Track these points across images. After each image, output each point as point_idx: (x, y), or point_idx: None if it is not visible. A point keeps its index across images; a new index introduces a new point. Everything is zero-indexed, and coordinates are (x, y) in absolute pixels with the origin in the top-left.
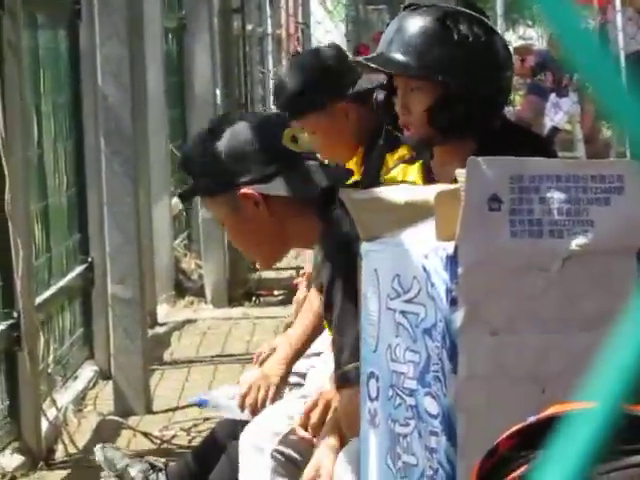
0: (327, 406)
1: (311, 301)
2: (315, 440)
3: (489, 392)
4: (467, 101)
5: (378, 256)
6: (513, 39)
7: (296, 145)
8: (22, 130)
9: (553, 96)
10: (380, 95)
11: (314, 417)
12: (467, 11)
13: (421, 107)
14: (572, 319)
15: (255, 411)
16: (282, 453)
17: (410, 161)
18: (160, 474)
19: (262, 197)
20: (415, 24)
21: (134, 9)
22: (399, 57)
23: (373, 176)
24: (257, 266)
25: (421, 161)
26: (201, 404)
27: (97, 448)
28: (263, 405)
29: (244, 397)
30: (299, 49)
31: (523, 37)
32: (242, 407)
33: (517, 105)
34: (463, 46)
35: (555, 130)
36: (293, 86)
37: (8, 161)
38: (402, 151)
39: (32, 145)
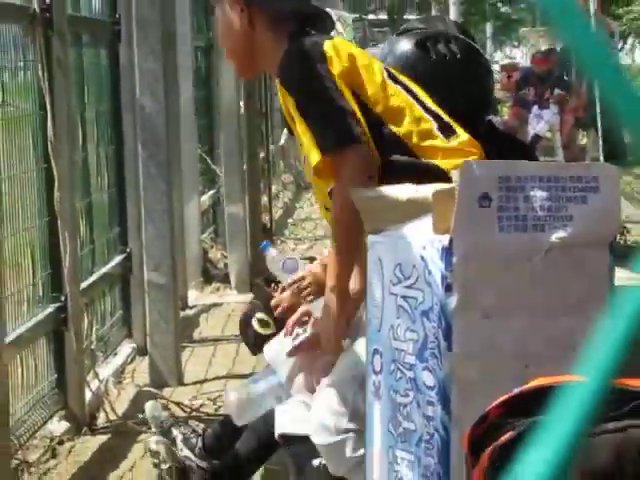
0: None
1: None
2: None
3: (480, 367)
4: (447, 111)
5: (382, 247)
6: (500, 58)
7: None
8: (69, 136)
9: (535, 108)
10: None
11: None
12: (449, 32)
13: None
14: (554, 303)
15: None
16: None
17: None
18: (198, 439)
19: (247, 6)
20: (400, 47)
21: (168, 30)
22: None
23: None
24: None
25: None
26: (264, 249)
27: (148, 404)
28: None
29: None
30: None
31: (509, 56)
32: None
33: (504, 115)
34: (440, 63)
35: (537, 137)
36: None
37: (57, 163)
38: None
39: (77, 149)
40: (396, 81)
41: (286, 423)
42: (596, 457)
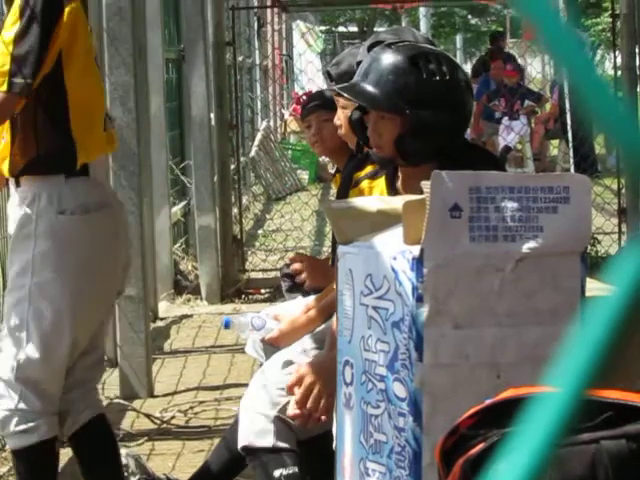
0: (312, 385)
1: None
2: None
3: (451, 378)
4: (433, 131)
5: (353, 258)
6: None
7: None
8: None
9: (506, 119)
10: (355, 114)
11: (299, 395)
12: (437, 50)
13: (391, 135)
14: (524, 313)
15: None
16: (282, 419)
17: (373, 176)
18: None
19: None
20: (389, 60)
21: (139, 42)
22: (371, 89)
23: (345, 190)
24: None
25: (384, 176)
26: (227, 325)
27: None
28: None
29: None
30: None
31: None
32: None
33: (470, 126)
34: (430, 83)
35: (508, 149)
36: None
37: None
38: (367, 169)
39: None
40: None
41: (248, 435)
42: (571, 468)
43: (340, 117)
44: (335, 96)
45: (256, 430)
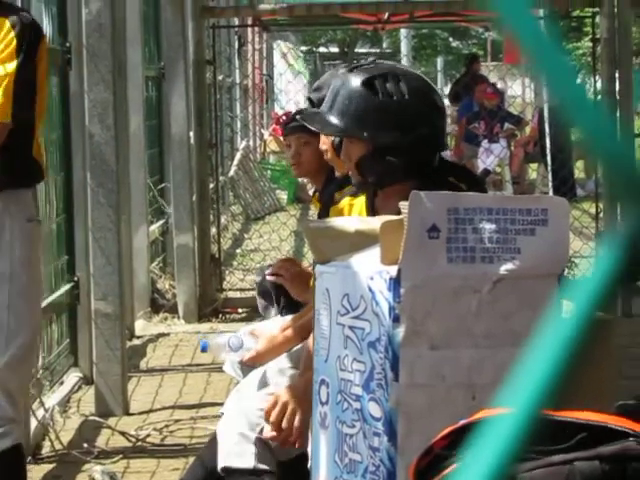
0: (285, 406)
1: None
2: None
3: (427, 398)
4: (394, 152)
5: (330, 277)
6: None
7: None
8: None
9: (485, 142)
10: (336, 139)
11: (274, 417)
12: (400, 68)
13: (354, 159)
14: (502, 335)
15: (278, 431)
16: (262, 441)
17: (354, 194)
18: None
19: None
20: (347, 85)
21: (119, 59)
22: (331, 117)
23: (325, 210)
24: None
25: (365, 195)
26: (204, 349)
27: (97, 469)
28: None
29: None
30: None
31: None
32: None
33: (451, 149)
34: (386, 104)
35: (487, 172)
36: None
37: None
38: (349, 188)
39: None
40: None
41: (229, 456)
42: None
43: (325, 142)
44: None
45: (236, 451)
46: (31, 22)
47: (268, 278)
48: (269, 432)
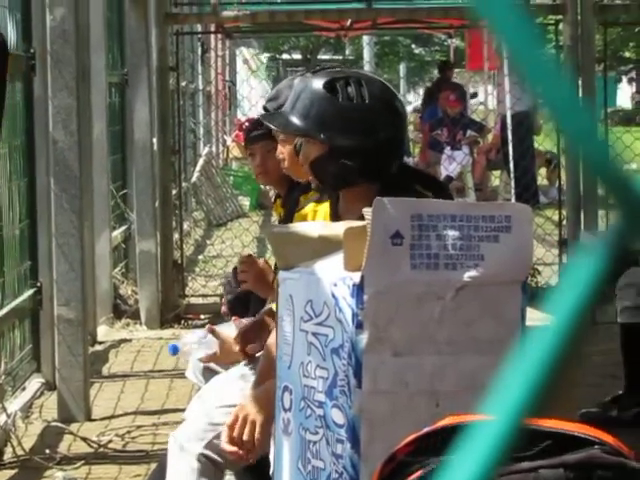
0: (245, 419)
1: None
2: (240, 452)
3: (390, 405)
4: (349, 155)
5: (293, 283)
6: (413, 99)
7: None
8: None
9: (448, 149)
10: (299, 141)
11: (236, 431)
12: (363, 74)
13: (308, 160)
14: (464, 342)
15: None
16: (207, 456)
17: (318, 200)
18: None
19: None
20: (309, 87)
21: (82, 65)
22: (293, 117)
23: (290, 215)
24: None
25: (329, 200)
26: (175, 351)
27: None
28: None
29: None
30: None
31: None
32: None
33: (416, 156)
34: (346, 106)
35: (449, 179)
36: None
37: None
38: (313, 193)
39: None
40: None
41: (174, 474)
42: None
43: (282, 151)
44: (274, 131)
45: (182, 470)
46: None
47: (241, 287)
48: (228, 446)
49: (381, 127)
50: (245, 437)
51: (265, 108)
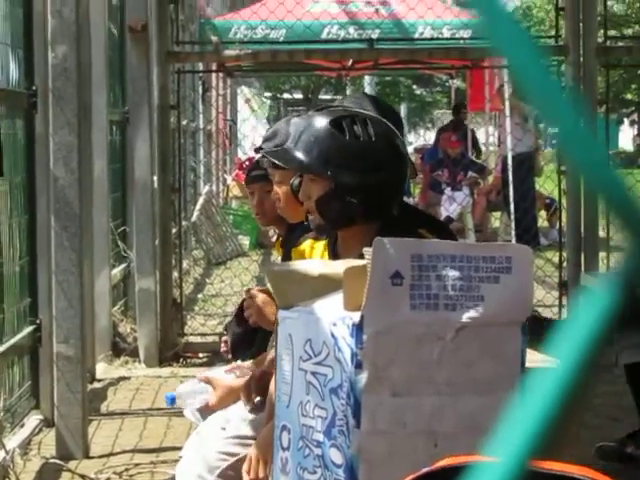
0: (257, 459)
1: None
2: None
3: (388, 445)
4: (355, 193)
5: (293, 323)
6: (414, 139)
7: None
8: None
9: (448, 190)
10: (296, 181)
11: (252, 472)
12: (366, 113)
13: (313, 197)
14: (463, 383)
15: None
16: None
17: (316, 237)
18: None
19: None
20: (315, 124)
21: (84, 103)
22: (295, 152)
23: (289, 254)
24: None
25: (327, 239)
26: (172, 402)
27: None
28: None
29: (247, 471)
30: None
31: (424, 137)
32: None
33: (416, 197)
34: (352, 144)
35: (449, 220)
36: None
37: None
38: (311, 233)
39: None
40: None
41: None
42: None
43: (277, 192)
44: (270, 172)
45: None
46: None
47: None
48: None
49: (385, 165)
50: (251, 476)
51: (261, 148)
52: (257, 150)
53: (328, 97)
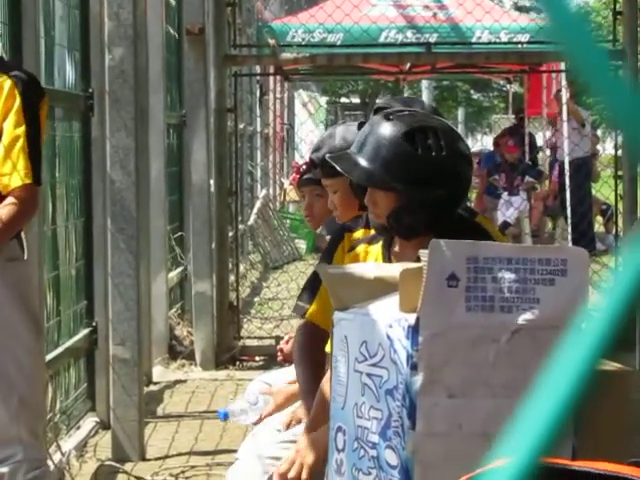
0: (294, 461)
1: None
2: None
3: (443, 447)
4: (427, 207)
5: (348, 324)
6: (472, 144)
7: None
8: (39, 208)
9: (505, 194)
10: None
11: (287, 471)
12: (437, 123)
13: (385, 206)
14: (519, 385)
15: None
16: None
17: (370, 241)
18: None
19: None
20: (385, 133)
21: (140, 106)
22: (364, 163)
23: (327, 253)
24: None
25: (382, 242)
26: (225, 417)
27: None
28: None
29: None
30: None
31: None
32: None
33: (473, 201)
34: (425, 159)
35: (506, 224)
36: None
37: (26, 235)
38: (358, 234)
39: (47, 222)
40: None
41: None
42: None
43: (334, 201)
44: (323, 180)
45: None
46: (32, 79)
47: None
48: None
49: (456, 178)
50: (292, 475)
51: (311, 159)
52: (310, 162)
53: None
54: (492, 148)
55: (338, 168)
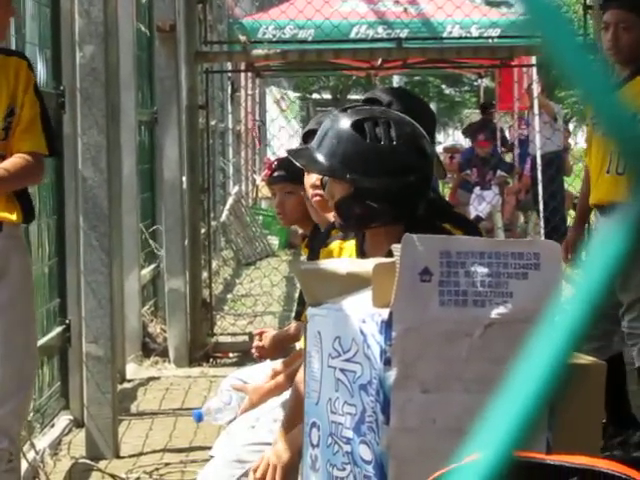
0: (267, 462)
1: None
2: None
3: (417, 442)
4: (375, 196)
5: (322, 320)
6: (443, 139)
7: None
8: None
9: (477, 189)
10: (325, 180)
11: (258, 473)
12: (392, 113)
13: (335, 198)
14: (492, 380)
15: None
16: None
17: (344, 238)
18: None
19: None
20: (337, 125)
21: (112, 103)
22: (317, 154)
23: (316, 252)
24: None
25: (355, 238)
26: (200, 418)
27: None
28: None
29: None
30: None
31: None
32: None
33: (446, 196)
34: (373, 147)
35: (479, 219)
36: None
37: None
38: (338, 233)
39: None
40: None
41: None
42: None
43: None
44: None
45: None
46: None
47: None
48: None
49: (408, 169)
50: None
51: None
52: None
53: (357, 97)
54: (463, 143)
55: (297, 163)
